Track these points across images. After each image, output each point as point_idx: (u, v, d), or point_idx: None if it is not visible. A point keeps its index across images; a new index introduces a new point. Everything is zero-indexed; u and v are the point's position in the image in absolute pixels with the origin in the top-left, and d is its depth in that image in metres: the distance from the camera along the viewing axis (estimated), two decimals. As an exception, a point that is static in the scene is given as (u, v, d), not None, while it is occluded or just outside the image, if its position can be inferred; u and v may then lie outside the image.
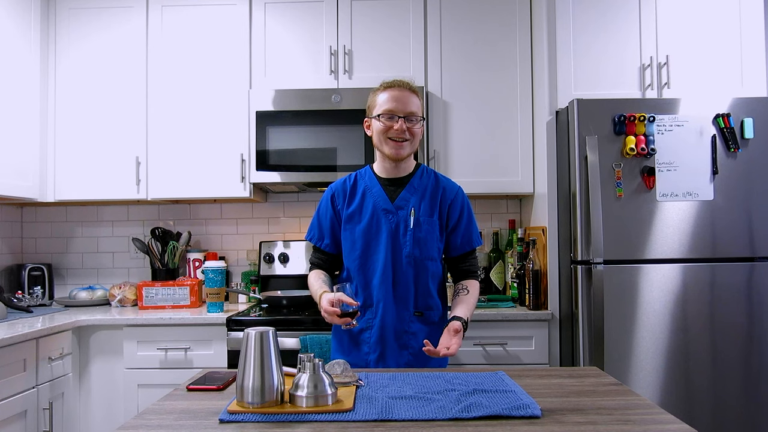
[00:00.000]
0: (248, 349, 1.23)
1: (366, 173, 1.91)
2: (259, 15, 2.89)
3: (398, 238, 1.82)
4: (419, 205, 1.83)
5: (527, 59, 2.85)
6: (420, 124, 1.83)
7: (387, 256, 1.81)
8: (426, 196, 1.85)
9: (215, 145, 2.87)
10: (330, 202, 1.90)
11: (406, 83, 1.84)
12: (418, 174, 1.89)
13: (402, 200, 1.84)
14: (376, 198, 1.85)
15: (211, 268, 2.67)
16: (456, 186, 1.92)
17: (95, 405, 2.57)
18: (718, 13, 2.61)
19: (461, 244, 1.88)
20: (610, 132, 2.38)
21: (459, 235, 1.87)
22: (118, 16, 2.92)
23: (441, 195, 1.87)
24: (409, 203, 1.83)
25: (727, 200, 2.37)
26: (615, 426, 1.12)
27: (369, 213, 1.84)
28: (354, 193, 1.88)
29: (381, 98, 1.83)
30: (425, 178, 1.89)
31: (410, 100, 1.81)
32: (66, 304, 2.93)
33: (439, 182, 1.90)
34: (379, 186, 1.86)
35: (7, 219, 3.14)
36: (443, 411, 1.19)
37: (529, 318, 2.50)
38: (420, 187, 1.86)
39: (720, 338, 2.34)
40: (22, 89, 2.75)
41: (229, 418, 1.18)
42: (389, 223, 1.82)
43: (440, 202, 1.86)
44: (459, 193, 1.90)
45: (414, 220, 1.81)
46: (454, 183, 1.93)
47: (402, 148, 1.80)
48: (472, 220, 1.90)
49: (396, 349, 1.80)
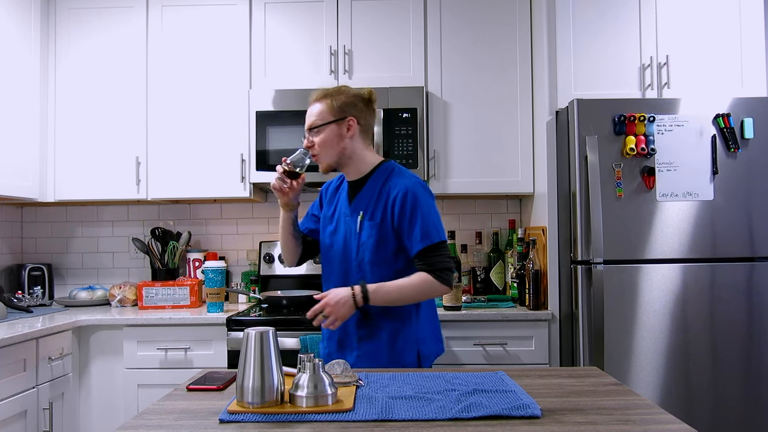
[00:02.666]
0: (248, 349, 1.23)
1: (339, 180, 1.97)
2: (259, 15, 2.89)
3: (350, 242, 1.82)
4: (369, 208, 1.79)
5: (527, 59, 2.85)
6: (320, 131, 1.78)
7: (341, 260, 1.84)
8: (374, 197, 1.79)
9: (215, 145, 2.87)
10: (321, 194, 1.99)
11: (315, 94, 1.84)
12: (375, 175, 1.83)
13: (357, 203, 1.82)
14: (342, 202, 1.88)
15: (211, 268, 2.67)
16: (401, 184, 1.77)
17: (95, 405, 2.57)
18: (718, 13, 2.61)
19: (411, 245, 1.75)
20: (610, 132, 2.38)
21: (405, 235, 1.75)
22: (118, 16, 2.92)
23: (386, 196, 1.77)
24: (360, 207, 1.81)
25: (727, 200, 2.37)
26: (615, 426, 1.12)
27: (336, 217, 1.88)
28: (334, 194, 1.92)
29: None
30: (378, 178, 1.82)
31: (311, 112, 1.82)
32: (66, 304, 2.93)
33: (387, 182, 1.80)
34: (347, 190, 1.88)
35: (7, 219, 3.14)
36: (443, 411, 1.19)
37: (529, 318, 2.50)
38: (371, 189, 1.81)
39: (720, 338, 2.34)
40: (22, 89, 2.75)
41: (229, 418, 1.18)
42: (346, 228, 1.83)
43: (385, 204, 1.77)
44: (400, 193, 1.75)
45: (360, 225, 1.79)
46: (403, 181, 1.78)
47: (318, 160, 1.82)
48: (417, 218, 1.73)
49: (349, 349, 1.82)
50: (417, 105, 2.77)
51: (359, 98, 1.83)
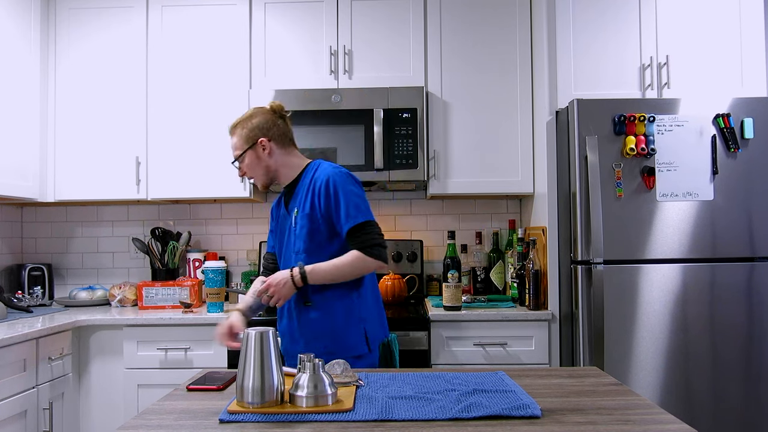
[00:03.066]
0: (248, 349, 1.23)
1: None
2: (259, 15, 2.89)
3: (290, 237, 1.94)
4: (300, 203, 1.93)
5: (527, 59, 2.85)
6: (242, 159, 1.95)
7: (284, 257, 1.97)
8: (303, 193, 1.94)
9: (215, 145, 2.87)
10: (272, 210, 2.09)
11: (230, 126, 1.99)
12: (304, 175, 1.97)
13: (291, 205, 1.97)
14: (280, 206, 2.03)
15: (211, 268, 2.67)
16: (323, 174, 1.90)
17: (95, 405, 2.57)
18: (718, 13, 2.61)
19: (340, 228, 1.86)
20: (610, 132, 2.38)
21: (335, 219, 1.88)
22: (118, 16, 2.92)
23: (312, 188, 1.91)
24: (294, 205, 1.95)
25: (727, 200, 2.37)
26: (615, 426, 1.12)
27: (278, 222, 2.03)
28: (277, 207, 2.06)
29: None
30: (307, 176, 1.95)
31: (231, 144, 1.98)
32: (66, 304, 2.93)
33: (313, 177, 1.93)
34: (283, 196, 2.03)
35: (7, 219, 3.14)
36: (443, 411, 1.19)
37: (529, 318, 2.50)
38: (302, 187, 1.95)
39: (720, 338, 2.34)
40: (22, 89, 2.75)
41: (229, 418, 1.18)
42: (284, 226, 1.98)
43: (312, 194, 1.90)
44: (323, 181, 1.88)
45: (295, 219, 1.92)
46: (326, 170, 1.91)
47: (255, 183, 2.04)
48: (341, 200, 1.86)
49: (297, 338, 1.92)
50: (417, 105, 2.77)
51: (266, 116, 1.98)
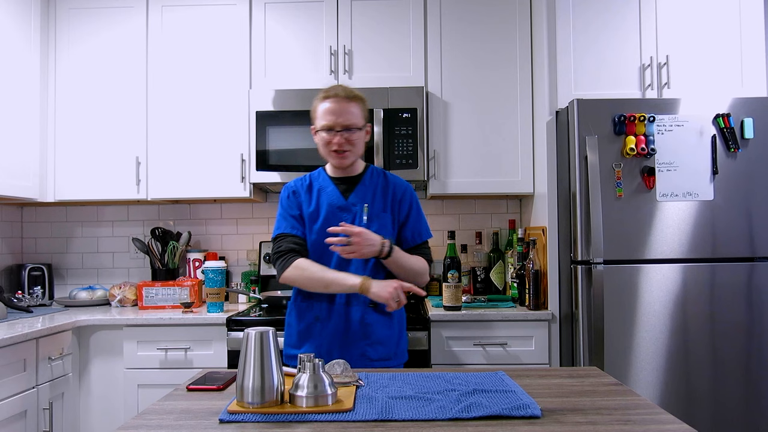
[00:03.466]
0: (248, 349, 1.23)
1: (319, 175, 1.99)
2: (259, 15, 2.89)
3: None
4: (372, 201, 1.91)
5: (527, 59, 2.85)
6: (360, 132, 1.87)
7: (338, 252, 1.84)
8: (377, 193, 1.93)
9: (215, 145, 2.87)
10: (293, 197, 1.94)
11: (342, 91, 1.85)
12: (368, 173, 1.97)
13: (355, 197, 1.91)
14: (331, 197, 1.92)
15: (211, 268, 2.67)
16: (404, 183, 1.98)
17: (95, 405, 2.57)
18: (718, 13, 2.61)
19: (412, 238, 1.94)
20: (610, 132, 2.38)
21: (409, 229, 1.94)
22: (118, 16, 2.92)
23: (392, 191, 1.94)
24: (362, 199, 1.91)
25: (727, 200, 2.37)
26: (615, 426, 1.12)
27: (324, 211, 1.90)
28: (311, 192, 1.95)
29: (320, 110, 1.86)
30: (375, 177, 1.97)
31: (347, 110, 1.84)
32: (66, 304, 2.93)
33: (389, 180, 1.97)
34: (332, 185, 1.93)
35: (7, 219, 3.14)
36: (443, 411, 1.19)
37: (529, 318, 2.50)
38: (371, 184, 1.94)
39: (720, 338, 2.34)
40: (22, 89, 2.75)
41: (229, 418, 1.18)
42: (345, 219, 1.88)
43: (391, 198, 1.93)
44: (407, 190, 1.97)
45: (367, 215, 1.88)
46: (402, 180, 1.99)
47: (344, 158, 1.88)
48: (421, 215, 1.98)
49: (353, 342, 1.85)
50: (417, 105, 2.77)
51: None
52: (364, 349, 1.85)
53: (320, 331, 1.87)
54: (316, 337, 1.88)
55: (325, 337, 1.87)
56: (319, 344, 1.87)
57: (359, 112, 1.87)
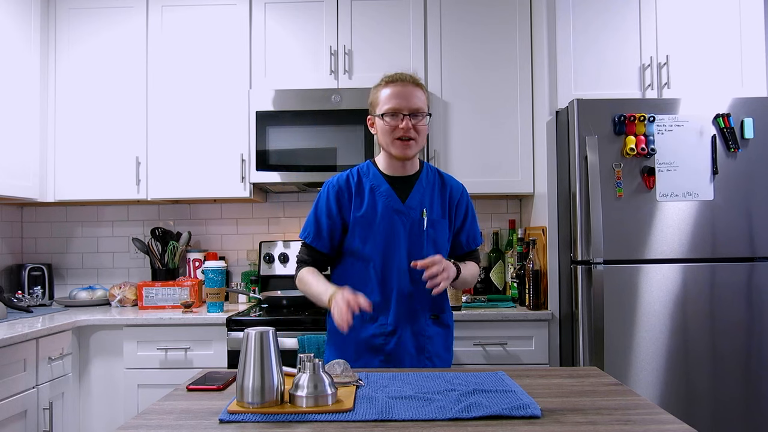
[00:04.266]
0: (248, 349, 1.23)
1: (369, 170, 1.80)
2: (259, 15, 2.89)
3: (414, 239, 1.75)
4: (430, 205, 1.77)
5: (527, 59, 2.85)
6: (426, 119, 1.74)
7: (403, 258, 1.73)
8: (435, 196, 1.80)
9: (215, 145, 2.87)
10: (336, 199, 1.77)
11: (409, 77, 1.74)
12: (425, 172, 1.82)
13: (413, 200, 1.76)
14: (386, 198, 1.75)
15: (211, 268, 2.67)
16: (460, 185, 1.88)
17: (95, 405, 2.57)
18: (718, 13, 2.61)
19: (467, 243, 1.86)
20: (610, 132, 2.38)
21: (465, 233, 1.85)
22: (118, 16, 2.92)
23: (449, 194, 1.82)
24: (421, 203, 1.77)
25: (727, 200, 2.37)
26: (615, 426, 1.12)
27: (381, 214, 1.74)
28: (361, 192, 1.77)
29: (383, 95, 1.73)
30: (431, 177, 1.83)
31: (414, 95, 1.71)
32: (66, 304, 2.93)
33: (445, 181, 1.84)
34: (387, 185, 1.77)
35: (7, 219, 3.14)
36: (443, 411, 1.19)
37: (529, 318, 2.50)
38: (428, 186, 1.80)
39: (720, 338, 2.34)
40: (22, 89, 2.75)
41: (229, 418, 1.18)
42: (403, 225, 1.74)
43: (448, 202, 1.81)
44: (464, 193, 1.86)
45: (428, 221, 1.75)
46: (457, 181, 1.88)
47: (409, 148, 1.72)
48: (475, 218, 1.89)
49: (414, 355, 1.75)
50: (417, 105, 2.77)
51: None
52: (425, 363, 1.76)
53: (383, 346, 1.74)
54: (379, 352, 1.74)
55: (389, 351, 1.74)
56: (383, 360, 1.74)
57: (426, 100, 1.75)
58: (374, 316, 1.73)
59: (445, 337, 1.83)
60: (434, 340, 1.78)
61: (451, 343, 1.86)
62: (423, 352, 1.76)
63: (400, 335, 1.74)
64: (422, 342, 1.77)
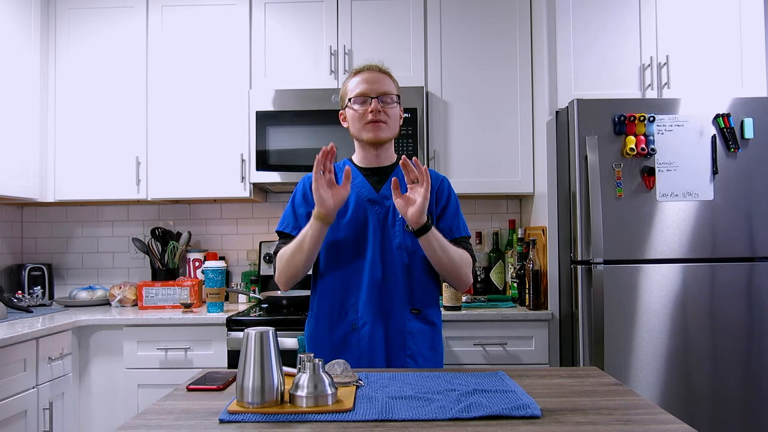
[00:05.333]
0: (248, 349, 1.23)
1: (345, 165, 1.78)
2: (259, 15, 2.89)
3: (387, 228, 1.69)
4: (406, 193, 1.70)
5: (527, 59, 2.85)
6: (396, 105, 1.71)
7: (375, 248, 1.68)
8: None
9: (215, 145, 2.87)
10: (310, 191, 1.70)
11: (375, 66, 1.73)
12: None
13: (387, 189, 1.69)
14: (359, 188, 1.72)
15: (211, 268, 2.67)
16: (440, 175, 1.80)
17: (95, 405, 2.57)
18: (718, 13, 2.61)
19: (449, 231, 1.72)
20: (610, 132, 2.38)
21: (447, 221, 1.73)
22: (118, 16, 2.92)
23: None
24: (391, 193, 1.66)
25: (727, 200, 2.37)
26: (615, 426, 1.12)
27: (353, 204, 1.70)
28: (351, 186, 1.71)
29: (351, 84, 1.72)
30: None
31: (382, 80, 1.70)
32: (66, 304, 2.93)
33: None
34: (361, 176, 1.74)
35: (7, 219, 3.14)
36: (443, 411, 1.19)
37: (529, 318, 2.50)
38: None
39: (720, 338, 2.34)
40: (22, 89, 2.75)
41: (229, 418, 1.18)
42: (375, 214, 1.70)
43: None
44: (444, 181, 1.78)
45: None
46: (437, 173, 1.80)
47: (380, 130, 1.68)
48: (459, 209, 1.77)
49: (393, 351, 1.68)
50: (417, 105, 2.77)
51: None
52: (405, 360, 1.68)
53: (357, 342, 1.69)
54: (353, 348, 1.69)
55: (363, 348, 1.68)
56: (357, 356, 1.68)
57: (394, 86, 1.73)
58: (345, 310, 1.71)
59: (431, 336, 1.72)
60: (416, 337, 1.69)
61: (438, 344, 1.75)
62: (403, 348, 1.68)
63: (373, 329, 1.67)
64: (402, 337, 1.69)
